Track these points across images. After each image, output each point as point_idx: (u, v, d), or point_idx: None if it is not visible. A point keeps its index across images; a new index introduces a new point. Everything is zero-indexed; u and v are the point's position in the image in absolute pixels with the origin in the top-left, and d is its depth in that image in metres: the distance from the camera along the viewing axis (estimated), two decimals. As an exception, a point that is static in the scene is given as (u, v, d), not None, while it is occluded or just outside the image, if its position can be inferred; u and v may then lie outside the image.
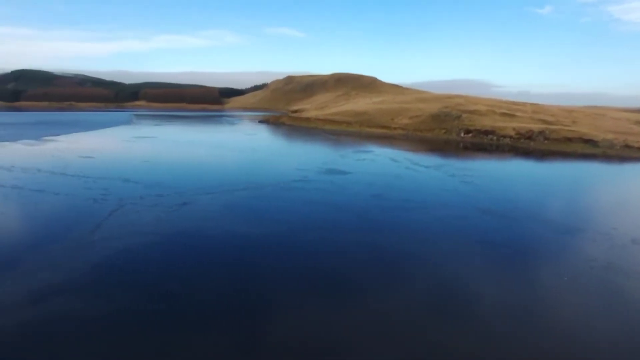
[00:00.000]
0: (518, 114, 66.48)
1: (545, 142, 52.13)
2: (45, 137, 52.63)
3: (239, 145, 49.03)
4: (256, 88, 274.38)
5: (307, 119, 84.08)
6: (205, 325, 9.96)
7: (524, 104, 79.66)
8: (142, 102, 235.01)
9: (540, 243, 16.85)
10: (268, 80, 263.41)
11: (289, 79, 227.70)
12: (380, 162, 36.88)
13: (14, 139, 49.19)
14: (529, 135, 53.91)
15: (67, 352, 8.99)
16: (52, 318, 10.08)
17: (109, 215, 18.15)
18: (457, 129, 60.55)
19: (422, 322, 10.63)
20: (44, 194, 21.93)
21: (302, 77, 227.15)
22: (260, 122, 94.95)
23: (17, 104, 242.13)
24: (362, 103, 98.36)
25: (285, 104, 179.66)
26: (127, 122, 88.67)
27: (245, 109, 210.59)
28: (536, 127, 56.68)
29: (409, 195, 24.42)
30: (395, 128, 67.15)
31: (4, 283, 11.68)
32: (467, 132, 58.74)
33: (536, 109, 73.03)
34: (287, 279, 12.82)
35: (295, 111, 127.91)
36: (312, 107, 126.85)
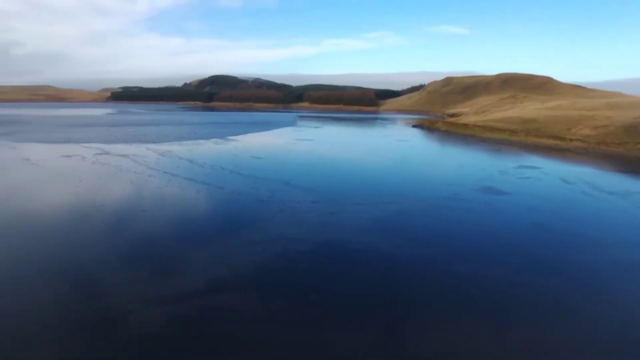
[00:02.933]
0: None
1: None
2: (229, 136, 62.72)
3: (390, 152, 49.38)
4: (412, 89, 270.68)
5: (465, 125, 79.02)
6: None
7: None
8: (305, 104, 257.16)
9: None
10: (426, 81, 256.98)
11: (448, 80, 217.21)
12: (548, 182, 32.28)
13: (207, 137, 60.04)
14: None
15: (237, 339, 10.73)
16: (223, 306, 12.16)
17: (272, 218, 20.68)
18: (661, 144, 48.50)
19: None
20: (223, 192, 26.28)
21: (461, 78, 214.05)
22: (414, 126, 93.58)
23: (210, 104, 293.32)
24: (531, 108, 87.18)
25: (442, 107, 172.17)
26: (292, 124, 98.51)
27: (400, 111, 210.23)
28: None
29: (581, 229, 20.81)
30: (571, 140, 57.71)
31: (185, 273, 14.52)
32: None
33: None
34: (431, 310, 12.53)
35: (453, 115, 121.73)
36: (471, 111, 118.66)
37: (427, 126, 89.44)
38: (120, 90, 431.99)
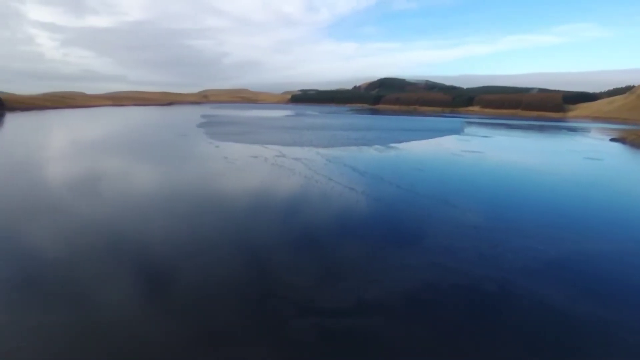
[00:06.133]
0: None
1: None
2: (391, 143, 63.70)
3: (575, 174, 42.05)
4: (615, 92, 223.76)
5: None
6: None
7: None
8: (475, 108, 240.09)
9: None
10: (635, 81, 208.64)
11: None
12: None
13: (370, 143, 62.29)
14: None
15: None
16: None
17: (425, 240, 20.34)
18: None
19: None
20: (378, 205, 26.99)
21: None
22: (613, 139, 77.39)
23: (376, 106, 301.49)
24: None
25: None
26: (458, 131, 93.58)
27: (596, 118, 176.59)
28: None
29: None
30: None
31: (331, 287, 15.54)
32: None
33: None
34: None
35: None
36: None
37: (632, 140, 72.68)
38: (299, 93, 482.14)
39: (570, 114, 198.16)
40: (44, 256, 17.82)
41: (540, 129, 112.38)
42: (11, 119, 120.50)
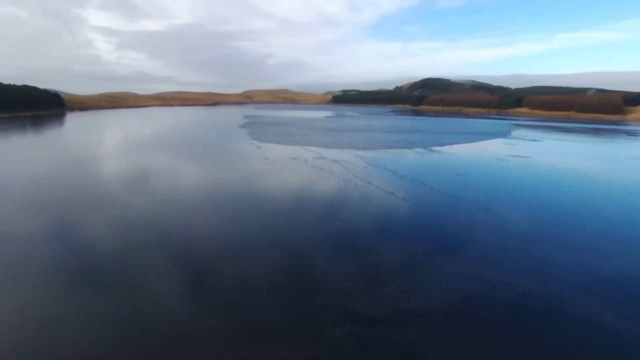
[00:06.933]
0: None
1: None
2: (433, 146, 62.34)
3: (634, 185, 39.12)
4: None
5: None
6: None
7: None
8: (524, 110, 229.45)
9: None
10: None
11: None
12: None
13: (411, 146, 61.32)
14: None
15: None
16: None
17: (466, 249, 19.81)
18: None
19: None
20: (418, 211, 26.57)
21: None
22: (679, 145, 71.44)
23: (418, 107, 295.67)
24: None
25: None
26: (504, 134, 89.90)
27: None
28: None
29: None
30: None
31: (372, 295, 15.49)
32: None
33: None
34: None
35: None
36: None
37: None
38: (340, 93, 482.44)
39: (631, 116, 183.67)
40: (104, 243, 19.14)
41: (596, 132, 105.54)
42: (71, 117, 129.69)
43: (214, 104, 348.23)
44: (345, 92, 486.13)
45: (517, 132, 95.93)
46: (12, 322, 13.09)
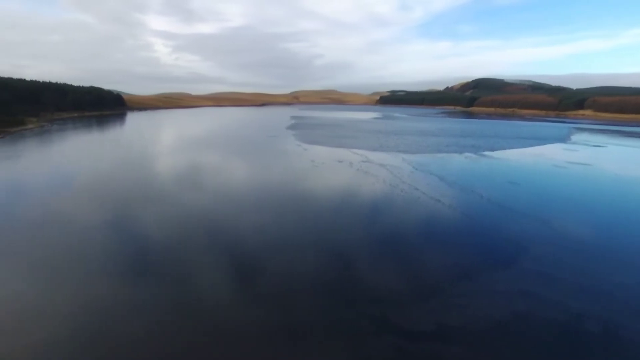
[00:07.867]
0: None
1: None
2: (484, 151, 60.02)
3: None
4: None
5: None
6: None
7: None
8: (587, 112, 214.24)
9: None
10: None
11: None
12: None
13: (461, 151, 59.43)
14: None
15: None
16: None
17: (518, 264, 19.00)
18: None
19: None
20: (467, 222, 25.76)
21: None
22: None
23: (470, 109, 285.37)
24: None
25: None
26: (564, 139, 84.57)
27: None
28: None
29: None
30: None
31: (414, 308, 15.28)
32: None
33: None
34: None
35: None
36: None
37: None
38: (388, 94, 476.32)
39: None
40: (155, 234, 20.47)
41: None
42: (132, 117, 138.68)
43: (263, 104, 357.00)
44: (393, 92, 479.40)
45: (577, 137, 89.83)
46: (75, 308, 14.33)
